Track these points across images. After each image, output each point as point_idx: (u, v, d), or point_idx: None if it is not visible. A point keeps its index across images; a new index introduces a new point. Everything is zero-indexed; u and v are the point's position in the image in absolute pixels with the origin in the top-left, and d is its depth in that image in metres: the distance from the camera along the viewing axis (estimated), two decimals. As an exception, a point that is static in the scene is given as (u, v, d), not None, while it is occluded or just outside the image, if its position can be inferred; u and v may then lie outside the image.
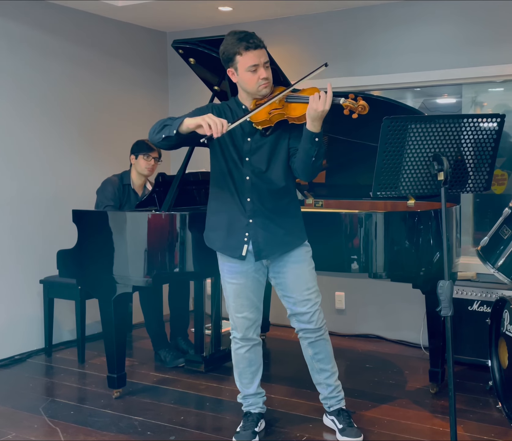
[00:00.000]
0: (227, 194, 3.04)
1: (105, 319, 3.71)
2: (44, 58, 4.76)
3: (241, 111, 3.00)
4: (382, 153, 2.63)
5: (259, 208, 3.01)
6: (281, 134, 3.00)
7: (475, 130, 2.66)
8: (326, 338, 3.19)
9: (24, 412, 3.60)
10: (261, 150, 2.99)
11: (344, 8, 4.94)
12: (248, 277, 3.06)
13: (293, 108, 2.89)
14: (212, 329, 4.32)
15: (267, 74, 2.91)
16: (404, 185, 2.70)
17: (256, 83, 2.90)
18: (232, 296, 3.10)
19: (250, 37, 2.88)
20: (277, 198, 3.03)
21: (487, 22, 4.44)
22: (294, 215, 3.10)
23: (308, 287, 3.09)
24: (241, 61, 2.89)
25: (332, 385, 3.24)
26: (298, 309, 3.10)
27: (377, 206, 4.24)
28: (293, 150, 2.99)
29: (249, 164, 2.99)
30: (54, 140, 4.85)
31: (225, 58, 2.95)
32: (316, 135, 2.79)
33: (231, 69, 2.95)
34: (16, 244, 4.59)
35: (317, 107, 2.72)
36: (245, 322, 3.11)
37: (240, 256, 3.02)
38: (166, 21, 5.42)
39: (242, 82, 2.94)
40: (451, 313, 2.55)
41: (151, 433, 3.32)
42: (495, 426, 3.31)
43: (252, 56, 2.87)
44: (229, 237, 3.04)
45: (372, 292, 4.96)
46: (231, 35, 2.93)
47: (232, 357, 3.24)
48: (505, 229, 3.24)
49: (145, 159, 4.34)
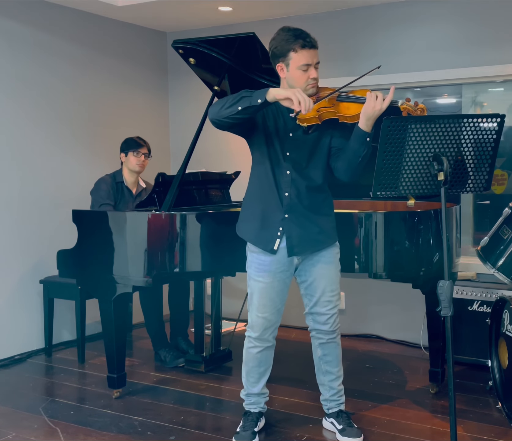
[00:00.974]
0: (265, 187, 3.03)
1: (105, 319, 3.71)
2: (44, 58, 4.76)
3: (284, 108, 2.93)
4: (382, 153, 2.63)
5: (296, 204, 3.00)
6: (323, 133, 3.02)
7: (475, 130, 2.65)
8: (337, 342, 3.20)
9: (24, 412, 3.60)
10: (302, 147, 3.00)
11: (344, 8, 4.95)
12: (275, 277, 3.05)
13: (346, 107, 2.91)
14: (212, 329, 4.32)
15: (317, 75, 2.93)
16: (404, 185, 2.70)
17: (305, 82, 2.90)
18: (256, 294, 3.08)
19: (306, 36, 2.89)
20: (314, 195, 3.04)
21: (487, 22, 4.44)
22: (328, 214, 3.11)
23: (332, 289, 3.10)
24: (295, 58, 2.88)
25: (335, 389, 3.25)
26: (317, 309, 3.11)
27: (377, 206, 4.24)
28: (334, 150, 3.02)
29: (290, 159, 3.00)
30: (54, 140, 4.85)
31: (276, 52, 2.93)
32: (368, 135, 2.83)
33: (281, 65, 2.94)
34: (16, 244, 4.59)
35: (375, 105, 2.75)
36: (265, 323, 3.09)
37: (272, 249, 3.01)
38: (166, 21, 5.42)
39: (291, 79, 2.93)
40: (451, 313, 2.55)
41: (151, 433, 3.32)
42: (495, 426, 3.31)
43: (307, 55, 2.87)
44: (263, 229, 3.03)
45: (372, 292, 4.96)
46: (285, 30, 2.91)
47: (243, 353, 3.23)
48: (505, 229, 3.24)
49: (135, 156, 4.40)
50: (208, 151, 5.50)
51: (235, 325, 4.56)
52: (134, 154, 4.40)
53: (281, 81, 3.01)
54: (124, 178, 4.46)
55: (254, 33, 3.32)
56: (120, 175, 4.46)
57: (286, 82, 2.97)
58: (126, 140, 4.47)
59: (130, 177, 4.47)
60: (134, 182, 4.51)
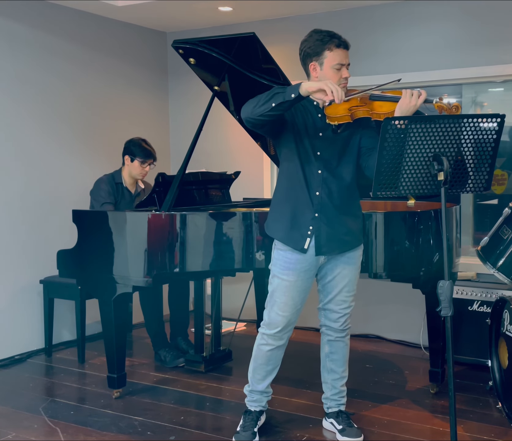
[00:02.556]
0: (296, 186, 3.03)
1: (105, 319, 3.71)
2: (44, 58, 4.76)
3: (312, 105, 3.01)
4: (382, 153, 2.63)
5: (326, 203, 3.01)
6: (353, 132, 3.03)
7: (475, 130, 2.65)
8: (346, 342, 3.22)
9: (24, 412, 3.60)
10: (333, 146, 3.01)
11: (344, 8, 4.95)
12: (299, 275, 3.05)
13: (379, 106, 2.93)
14: (212, 329, 4.32)
15: (349, 75, 2.98)
16: (404, 185, 2.69)
17: (338, 81, 2.93)
18: (279, 292, 3.08)
19: (340, 36, 2.96)
20: (344, 195, 3.05)
21: (487, 22, 4.44)
22: (356, 215, 3.12)
23: (349, 290, 3.14)
24: (330, 56, 2.92)
25: (337, 388, 3.25)
26: (331, 306, 3.14)
27: (377, 206, 4.24)
28: (365, 150, 3.04)
29: (321, 159, 3.00)
30: (54, 140, 4.85)
31: (310, 52, 2.96)
32: None
33: (314, 64, 2.97)
34: (16, 244, 4.59)
35: (410, 101, 2.78)
36: (284, 322, 3.09)
37: (302, 248, 3.01)
38: (166, 21, 5.42)
39: (324, 77, 2.94)
40: (451, 313, 2.55)
41: (151, 433, 3.32)
42: (495, 426, 3.31)
43: (342, 54, 2.93)
44: (293, 228, 3.03)
45: (372, 292, 4.96)
46: (318, 32, 2.97)
47: (253, 348, 3.22)
48: (505, 229, 3.24)
49: (141, 165, 4.37)
50: (208, 151, 5.50)
51: (235, 325, 4.56)
52: (141, 164, 4.36)
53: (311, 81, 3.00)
54: (123, 179, 4.45)
55: (254, 33, 3.32)
56: (119, 176, 4.44)
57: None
58: (134, 144, 4.37)
59: (129, 179, 4.46)
60: (133, 184, 4.51)
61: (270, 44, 3.93)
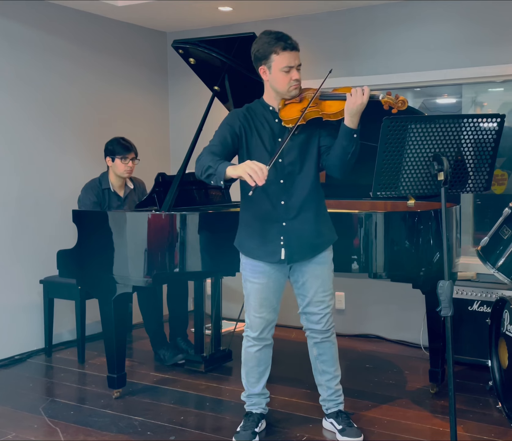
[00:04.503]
0: (260, 200, 3.00)
1: (105, 319, 3.71)
2: (44, 58, 4.76)
3: (267, 112, 3.01)
4: (382, 153, 2.63)
5: (292, 211, 3.01)
6: (311, 133, 3.02)
7: (475, 130, 2.66)
8: (332, 341, 3.20)
9: (24, 412, 3.60)
10: (293, 151, 3.00)
11: (344, 8, 4.94)
12: (270, 277, 3.06)
13: (329, 105, 2.93)
14: (212, 329, 4.32)
15: (299, 77, 2.95)
16: (404, 185, 2.70)
17: (287, 84, 2.93)
18: (252, 295, 3.10)
19: (287, 38, 2.92)
20: (309, 199, 3.03)
21: (487, 22, 4.44)
22: (324, 215, 3.12)
23: (325, 289, 3.11)
24: (277, 60, 2.91)
25: (332, 388, 3.25)
26: (310, 309, 3.12)
27: (377, 206, 4.24)
28: (324, 149, 3.02)
29: (282, 166, 2.99)
30: (54, 140, 4.85)
31: (259, 55, 2.95)
32: (354, 132, 2.84)
33: (263, 67, 2.96)
34: (16, 244, 4.59)
35: (356, 100, 2.77)
36: (262, 322, 3.11)
37: (280, 260, 3.02)
38: (166, 21, 5.41)
39: (274, 81, 2.95)
40: (451, 313, 2.55)
41: (151, 433, 3.32)
42: (495, 426, 3.31)
43: (289, 57, 2.90)
44: (266, 243, 3.02)
45: (372, 292, 4.96)
46: (267, 34, 2.95)
47: (242, 354, 3.24)
48: (505, 229, 3.24)
49: (123, 162, 4.28)
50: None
51: (235, 325, 4.56)
52: (122, 160, 4.27)
53: (265, 84, 3.03)
54: (111, 183, 4.35)
55: (254, 33, 3.32)
56: (106, 181, 4.34)
57: (269, 85, 2.99)
58: (112, 143, 4.31)
59: (117, 182, 4.37)
60: (121, 186, 4.42)
61: (270, 44, 3.92)
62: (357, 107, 2.78)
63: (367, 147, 3.66)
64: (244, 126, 3.00)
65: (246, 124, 3.01)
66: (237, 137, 3.00)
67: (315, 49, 5.05)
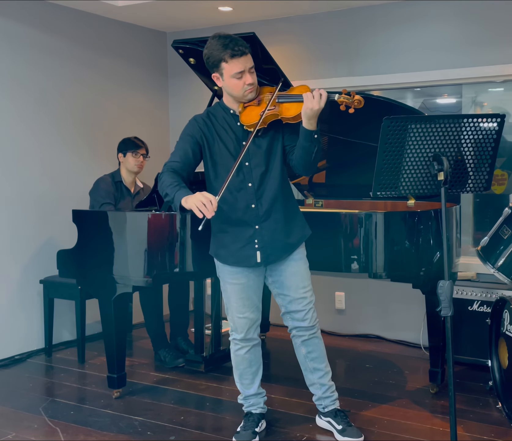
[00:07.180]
0: (231, 207, 3.00)
1: (105, 319, 3.71)
2: (44, 58, 4.76)
3: (229, 116, 3.00)
4: (382, 153, 2.63)
5: (263, 213, 3.00)
6: (274, 134, 3.01)
7: (475, 130, 2.66)
8: (319, 336, 3.20)
9: (24, 412, 3.60)
10: (258, 152, 2.99)
11: (344, 8, 4.94)
12: (249, 276, 3.07)
13: (287, 108, 2.91)
14: (212, 329, 4.32)
15: (253, 80, 2.92)
16: (404, 185, 2.70)
17: (242, 89, 2.92)
18: (233, 297, 3.10)
19: (235, 44, 2.86)
20: (279, 199, 3.03)
21: (487, 22, 4.44)
22: (294, 213, 3.12)
23: (304, 285, 3.10)
24: (227, 68, 2.88)
25: (326, 385, 3.24)
26: (293, 307, 3.11)
27: (377, 206, 4.24)
28: (289, 148, 3.02)
29: (249, 169, 2.99)
30: (54, 140, 4.85)
31: (209, 63, 2.95)
32: (314, 133, 2.83)
33: (216, 75, 2.96)
34: (16, 244, 4.59)
35: (312, 106, 2.75)
36: (247, 322, 3.11)
37: (256, 263, 3.02)
38: (166, 21, 5.41)
39: (228, 87, 2.95)
40: (451, 313, 2.55)
41: (151, 433, 3.32)
42: (495, 426, 3.31)
43: (238, 63, 2.87)
44: (241, 249, 3.02)
45: (372, 292, 4.96)
46: (216, 39, 2.90)
47: (231, 358, 3.24)
48: (505, 229, 3.24)
49: (133, 156, 4.43)
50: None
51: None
52: (133, 155, 4.43)
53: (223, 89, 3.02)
54: (123, 178, 4.48)
55: (254, 33, 3.31)
56: (118, 175, 4.48)
57: (225, 91, 3.00)
58: (124, 141, 4.49)
59: (128, 177, 4.49)
60: (132, 182, 4.54)
61: (270, 44, 3.92)
62: (314, 112, 2.77)
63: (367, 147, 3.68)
64: (205, 134, 2.99)
65: (207, 131, 3.00)
66: (198, 147, 2.99)
67: (315, 49, 5.05)
